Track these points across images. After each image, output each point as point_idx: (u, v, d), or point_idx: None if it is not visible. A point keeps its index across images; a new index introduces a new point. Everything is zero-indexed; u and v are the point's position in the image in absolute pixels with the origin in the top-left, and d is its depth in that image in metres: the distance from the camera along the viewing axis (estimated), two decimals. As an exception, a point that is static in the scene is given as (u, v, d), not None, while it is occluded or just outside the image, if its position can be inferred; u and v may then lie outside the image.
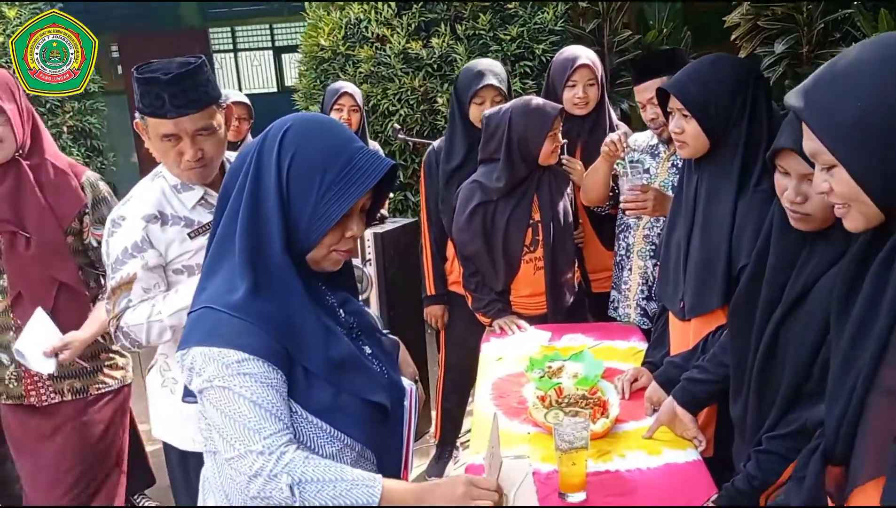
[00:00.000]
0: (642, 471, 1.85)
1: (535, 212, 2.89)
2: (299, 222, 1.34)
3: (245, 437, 1.28)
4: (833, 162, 1.12)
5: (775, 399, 1.56)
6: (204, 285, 1.38)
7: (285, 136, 1.36)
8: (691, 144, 2.04)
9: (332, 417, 1.37)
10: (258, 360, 1.30)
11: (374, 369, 1.48)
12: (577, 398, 2.12)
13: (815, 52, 4.98)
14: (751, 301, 1.64)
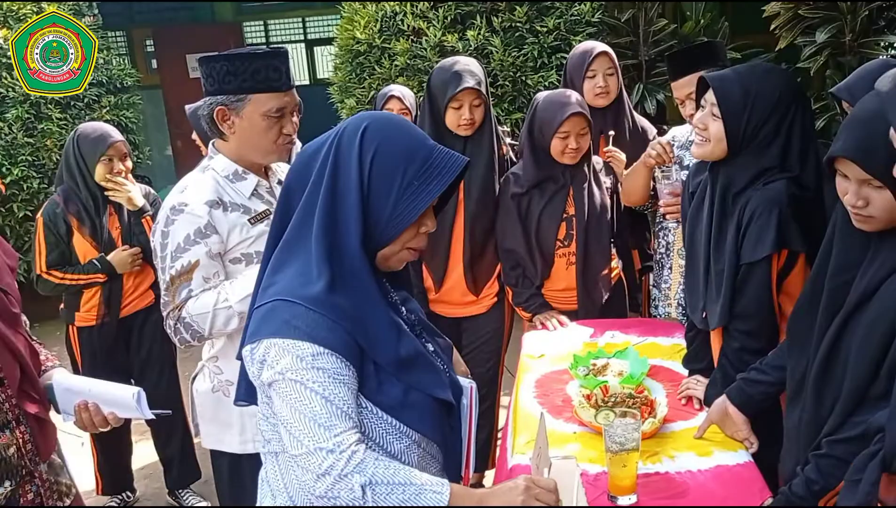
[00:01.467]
0: (693, 473, 1.83)
1: (569, 206, 2.86)
2: (379, 218, 1.36)
3: (315, 433, 1.27)
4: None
5: (835, 404, 1.52)
6: (273, 279, 1.38)
7: (365, 133, 1.37)
8: (712, 144, 2.00)
9: (401, 413, 1.37)
10: (332, 355, 1.30)
11: (439, 366, 1.49)
12: (624, 397, 2.10)
13: (859, 41, 4.87)
14: (813, 303, 1.61)
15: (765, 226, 1.89)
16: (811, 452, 1.55)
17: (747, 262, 1.93)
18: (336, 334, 1.31)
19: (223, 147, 2.08)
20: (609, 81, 3.02)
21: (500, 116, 4.63)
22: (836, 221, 1.59)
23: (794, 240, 1.90)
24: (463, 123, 2.81)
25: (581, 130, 2.78)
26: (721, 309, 1.98)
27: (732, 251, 1.95)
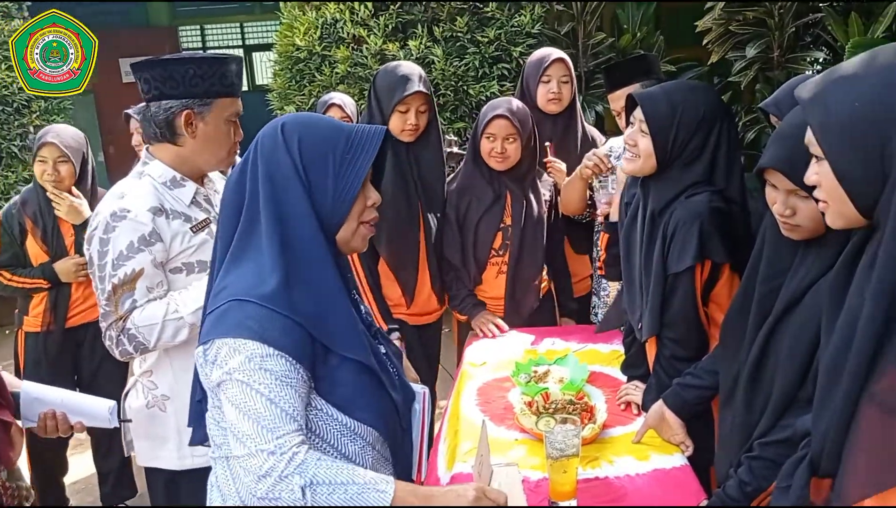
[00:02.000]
0: (631, 477, 1.86)
1: (507, 215, 2.87)
2: (325, 200, 1.39)
3: (258, 435, 1.28)
4: (821, 155, 1.14)
5: (766, 406, 1.57)
6: (224, 282, 1.38)
7: (284, 130, 1.41)
8: (641, 160, 2.05)
9: (355, 410, 1.38)
10: (282, 357, 1.30)
11: (390, 369, 1.50)
12: (565, 404, 2.12)
13: (786, 57, 5.05)
14: (744, 309, 1.66)
15: (687, 238, 1.94)
16: (743, 454, 1.59)
17: (672, 273, 1.99)
18: (289, 334, 1.31)
19: (162, 153, 2.01)
20: (563, 88, 3.04)
21: (443, 125, 4.65)
22: (766, 229, 1.65)
23: (715, 251, 1.95)
24: (408, 128, 2.76)
25: (508, 134, 2.77)
26: (651, 319, 2.04)
27: (660, 263, 2.00)
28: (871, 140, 1.08)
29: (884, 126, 1.07)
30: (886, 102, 1.08)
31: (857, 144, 1.09)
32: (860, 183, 1.10)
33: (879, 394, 1.08)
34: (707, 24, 5.31)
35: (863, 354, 1.10)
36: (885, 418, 1.08)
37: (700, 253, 1.94)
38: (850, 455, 1.13)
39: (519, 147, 2.81)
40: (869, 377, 1.10)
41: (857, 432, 1.12)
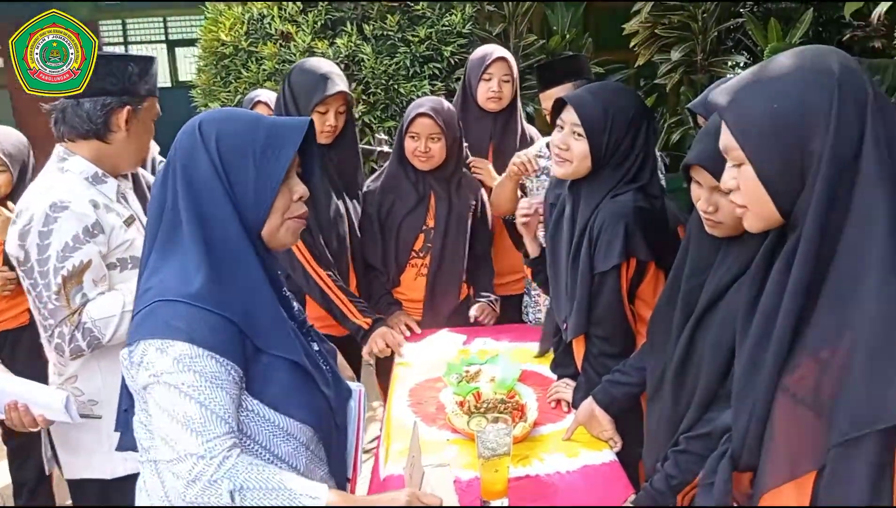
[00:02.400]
0: (561, 474, 1.87)
1: (430, 218, 2.84)
2: (246, 196, 1.35)
3: (187, 439, 1.24)
4: (743, 159, 1.15)
5: (691, 401, 1.60)
6: (149, 282, 1.34)
7: (201, 127, 1.38)
8: (575, 163, 2.05)
9: (289, 407, 1.36)
10: (212, 357, 1.27)
11: (322, 366, 1.48)
12: (496, 403, 2.12)
13: (709, 60, 5.20)
14: (670, 306, 1.69)
15: (613, 237, 1.97)
16: (670, 448, 1.62)
17: (599, 272, 2.01)
18: (218, 333, 1.28)
19: (83, 149, 1.96)
20: (504, 88, 3.00)
21: (374, 123, 4.61)
22: (692, 226, 1.68)
23: (639, 250, 1.99)
24: (326, 130, 2.67)
25: (432, 133, 2.73)
26: (578, 318, 2.05)
27: (586, 262, 2.02)
28: (792, 140, 1.11)
29: (803, 126, 1.10)
30: (804, 102, 1.10)
31: (778, 145, 1.11)
32: (782, 184, 1.13)
33: (791, 387, 1.12)
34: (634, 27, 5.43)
35: (780, 350, 1.13)
36: (796, 409, 1.12)
37: (625, 251, 1.97)
38: (767, 447, 1.17)
39: (443, 147, 2.77)
40: (783, 371, 1.13)
41: (772, 424, 1.16)
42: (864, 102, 1.10)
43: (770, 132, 1.12)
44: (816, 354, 1.09)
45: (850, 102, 1.09)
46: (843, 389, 1.06)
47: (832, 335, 1.08)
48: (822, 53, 1.15)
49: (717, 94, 1.20)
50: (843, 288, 1.09)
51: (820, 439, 1.08)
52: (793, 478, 1.13)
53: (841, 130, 1.08)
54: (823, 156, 1.09)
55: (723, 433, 1.40)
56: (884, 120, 1.10)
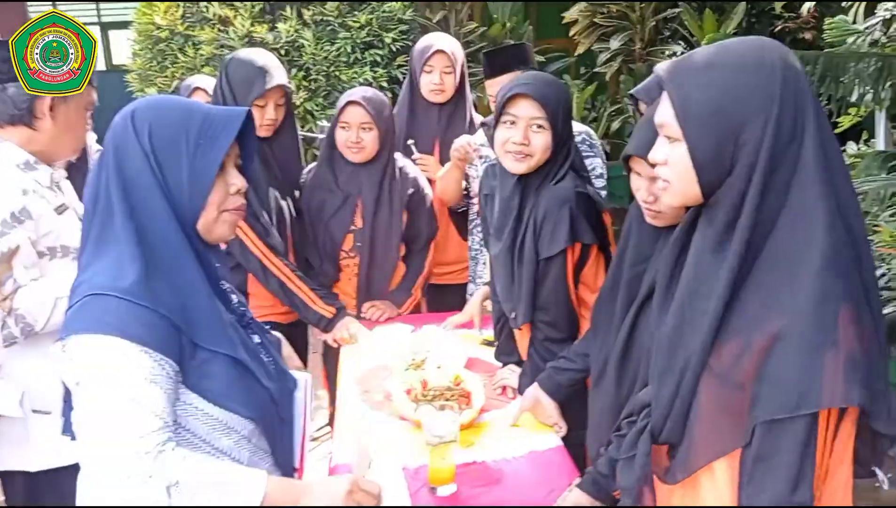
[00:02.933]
0: (507, 460, 1.90)
1: (358, 218, 2.78)
2: (179, 189, 1.32)
3: (119, 436, 1.22)
4: (677, 136, 1.18)
5: (634, 387, 1.64)
6: (82, 277, 1.31)
7: (134, 117, 1.34)
8: (537, 156, 2.04)
9: (228, 400, 1.34)
10: (144, 352, 1.24)
11: (263, 358, 1.46)
12: (443, 390, 2.14)
13: (647, 50, 5.31)
14: (613, 293, 1.73)
15: (558, 223, 2.00)
16: (613, 433, 1.66)
17: (544, 257, 2.03)
18: (151, 328, 1.25)
19: (13, 135, 1.92)
20: (445, 79, 2.97)
21: (315, 110, 4.58)
22: (632, 215, 1.72)
23: (584, 233, 2.02)
24: (266, 124, 2.61)
25: (363, 123, 2.67)
26: (524, 305, 2.08)
27: (531, 249, 2.04)
28: (730, 126, 1.14)
29: (743, 114, 1.13)
30: (748, 91, 1.14)
31: (715, 129, 1.15)
32: (711, 166, 1.16)
33: (715, 366, 1.17)
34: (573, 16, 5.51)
35: (709, 332, 1.17)
36: (722, 389, 1.16)
37: (571, 236, 2.00)
38: (693, 426, 1.21)
39: (376, 137, 2.71)
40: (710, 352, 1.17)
41: (698, 404, 1.20)
42: (805, 95, 1.14)
43: (710, 116, 1.15)
44: (744, 336, 1.14)
45: (791, 95, 1.13)
46: (769, 371, 1.10)
47: (760, 318, 1.12)
48: (767, 46, 1.19)
49: (664, 68, 1.22)
50: (775, 275, 1.13)
51: (746, 417, 1.13)
52: (721, 456, 1.18)
53: (782, 121, 1.12)
54: (763, 145, 1.12)
55: (641, 409, 1.44)
56: (819, 116, 1.15)
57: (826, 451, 1.12)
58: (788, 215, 1.13)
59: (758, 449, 1.12)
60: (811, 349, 1.08)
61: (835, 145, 1.17)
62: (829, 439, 1.11)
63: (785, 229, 1.13)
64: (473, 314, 2.68)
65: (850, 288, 1.10)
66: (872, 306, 1.14)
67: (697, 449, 1.21)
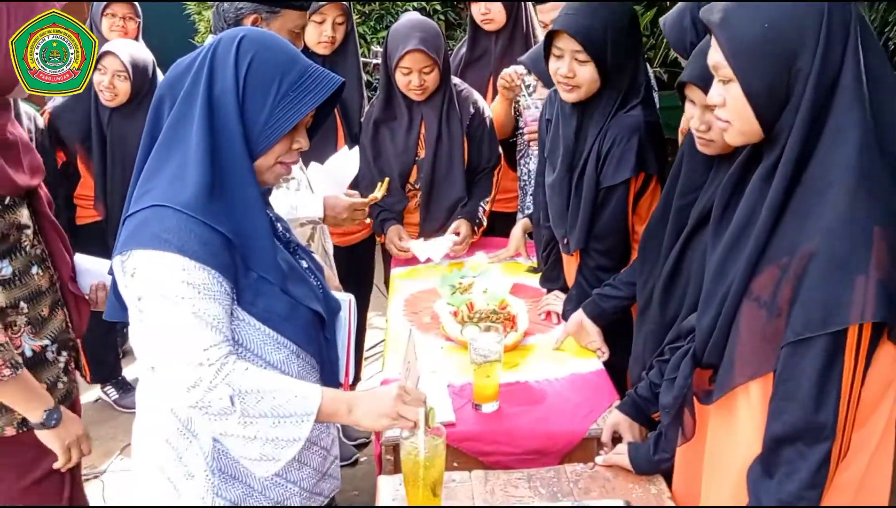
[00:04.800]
0: (550, 381, 1.96)
1: (421, 149, 2.79)
2: (253, 127, 1.36)
3: (183, 348, 1.29)
4: (731, 76, 1.19)
5: (677, 314, 1.67)
6: (148, 185, 1.34)
7: (241, 43, 1.37)
8: (584, 88, 2.03)
9: (278, 323, 1.40)
10: (203, 269, 1.29)
11: (312, 281, 1.51)
12: (489, 313, 2.19)
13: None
14: (661, 223, 1.74)
15: (625, 152, 1.99)
16: (654, 358, 1.70)
17: (607, 186, 2.04)
18: (209, 245, 1.30)
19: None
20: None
21: (367, 34, 4.55)
22: (685, 145, 1.71)
23: (650, 164, 2.02)
24: (324, 41, 2.66)
25: (424, 66, 2.65)
26: (579, 232, 2.09)
27: (592, 177, 2.05)
28: (779, 59, 1.15)
29: (790, 45, 1.14)
30: (794, 23, 1.14)
31: (766, 64, 1.16)
32: (767, 101, 1.17)
33: (755, 291, 1.20)
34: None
35: (751, 257, 1.20)
36: (760, 313, 1.19)
37: (638, 166, 2.00)
38: (733, 348, 1.25)
39: (437, 75, 2.70)
40: (751, 278, 1.20)
41: (737, 327, 1.24)
42: (849, 27, 1.14)
43: (759, 51, 1.16)
44: (779, 260, 1.16)
45: (837, 26, 1.13)
46: (798, 292, 1.13)
47: (795, 242, 1.15)
48: None
49: (709, 11, 1.23)
50: (809, 200, 1.15)
51: (779, 341, 1.16)
52: (754, 378, 1.22)
53: (828, 53, 1.13)
54: (810, 76, 1.13)
55: (687, 334, 1.47)
56: (863, 44, 1.14)
57: (857, 378, 1.13)
58: (826, 139, 1.14)
59: (782, 370, 1.16)
60: (841, 267, 1.10)
61: (883, 75, 1.16)
62: (861, 365, 1.12)
63: (822, 153, 1.14)
64: (518, 247, 2.71)
65: (884, 209, 1.11)
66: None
67: (735, 371, 1.24)
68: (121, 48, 3.11)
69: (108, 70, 3.06)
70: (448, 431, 1.58)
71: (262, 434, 1.31)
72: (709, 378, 1.35)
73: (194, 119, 1.33)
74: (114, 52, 3.07)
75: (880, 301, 1.08)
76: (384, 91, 2.79)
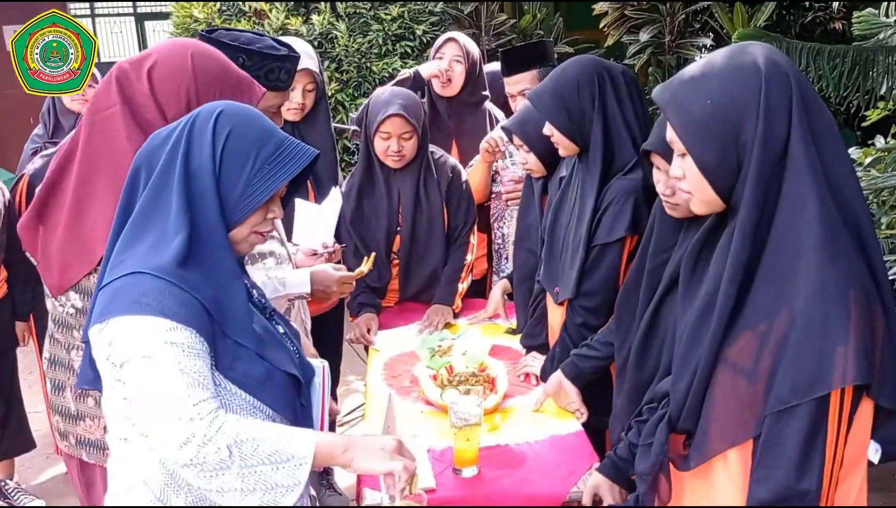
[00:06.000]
0: (530, 444, 1.96)
1: (401, 218, 2.80)
2: (229, 199, 1.39)
3: (173, 406, 1.27)
4: (685, 151, 1.25)
5: (654, 374, 1.69)
6: (123, 255, 1.35)
7: (219, 117, 1.40)
8: (564, 151, 2.16)
9: (255, 389, 1.39)
10: (185, 329, 1.29)
11: (288, 346, 1.52)
12: (468, 376, 2.20)
13: (677, 42, 5.30)
14: (637, 284, 1.77)
15: (621, 211, 2.04)
16: (633, 418, 1.71)
17: (601, 243, 2.08)
18: (188, 307, 1.30)
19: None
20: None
21: (346, 101, 4.64)
22: (656, 207, 1.76)
23: (644, 227, 2.05)
24: (293, 107, 2.69)
25: (404, 132, 2.67)
26: (571, 284, 2.12)
27: (587, 233, 2.09)
28: (726, 133, 1.21)
29: (734, 119, 1.20)
30: (735, 97, 1.21)
31: (714, 138, 1.22)
32: (719, 173, 1.23)
33: (731, 357, 1.22)
34: (604, 8, 5.50)
35: (721, 323, 1.22)
36: (737, 380, 1.21)
37: (632, 226, 2.05)
38: (707, 415, 1.27)
39: (416, 143, 2.73)
40: (724, 343, 1.23)
41: (713, 393, 1.25)
42: (790, 93, 1.19)
43: (706, 127, 1.22)
44: (755, 327, 1.19)
45: (776, 95, 1.19)
46: (780, 360, 1.15)
47: (770, 309, 1.17)
48: (748, 50, 1.25)
49: (659, 91, 1.30)
50: (778, 266, 1.18)
51: (759, 408, 1.18)
52: (733, 445, 1.23)
53: (770, 122, 1.18)
54: (755, 145, 1.18)
55: (661, 398, 1.49)
56: (807, 108, 1.19)
57: (841, 440, 1.15)
58: (786, 204, 1.18)
59: (767, 437, 1.17)
60: (822, 334, 1.12)
61: (830, 136, 1.21)
62: (843, 426, 1.14)
63: (785, 218, 1.18)
64: (497, 307, 2.73)
65: (853, 270, 1.15)
66: (882, 290, 1.18)
67: (712, 438, 1.26)
68: None
69: None
70: (429, 497, 1.57)
71: (263, 482, 1.29)
72: (683, 443, 1.36)
73: (172, 191, 1.35)
74: None
75: (861, 363, 1.11)
76: (364, 160, 2.82)
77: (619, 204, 2.05)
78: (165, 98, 1.66)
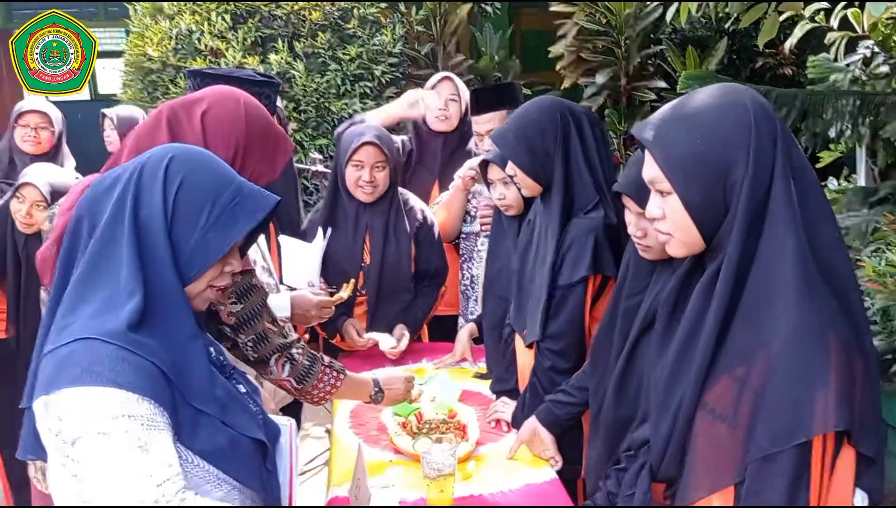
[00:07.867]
0: (504, 493, 1.90)
1: (367, 255, 2.77)
2: (182, 253, 1.27)
3: (135, 488, 1.14)
4: (669, 190, 1.23)
5: (631, 418, 1.66)
6: (69, 318, 1.22)
7: (170, 165, 1.29)
8: (527, 191, 2.16)
9: (218, 459, 1.29)
10: (143, 400, 1.17)
11: (252, 407, 1.42)
12: (438, 423, 2.15)
13: (632, 85, 5.40)
14: (611, 326, 1.75)
15: (582, 251, 2.02)
16: (611, 467, 1.67)
17: (565, 284, 2.05)
18: (144, 375, 1.18)
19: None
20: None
21: (305, 141, 4.60)
22: (629, 249, 1.75)
23: (607, 266, 2.04)
24: None
25: (377, 162, 2.64)
26: (537, 326, 2.09)
27: (549, 275, 2.07)
28: (715, 173, 1.20)
29: (723, 161, 1.19)
30: (726, 138, 1.20)
31: (702, 177, 1.20)
32: (706, 213, 1.21)
33: (710, 403, 1.20)
34: (559, 51, 5.59)
35: (701, 368, 1.20)
36: (715, 425, 1.19)
37: (594, 266, 2.02)
38: (688, 462, 1.24)
39: (388, 175, 2.70)
40: (703, 388, 1.20)
41: (693, 440, 1.23)
42: (775, 135, 1.20)
43: (695, 166, 1.20)
44: (733, 371, 1.17)
45: (765, 136, 1.19)
46: (760, 406, 1.13)
47: (747, 353, 1.16)
48: (737, 91, 1.25)
49: (642, 128, 1.28)
50: (756, 308, 1.17)
51: (739, 454, 1.15)
52: (714, 492, 1.20)
53: (758, 162, 1.18)
54: (744, 186, 1.18)
55: (640, 446, 1.46)
56: (788, 149, 1.20)
57: (823, 485, 1.13)
58: (765, 246, 1.17)
59: (750, 484, 1.15)
60: (802, 379, 1.11)
61: (808, 178, 1.22)
62: (826, 472, 1.13)
63: (764, 260, 1.17)
64: (464, 352, 2.69)
65: (830, 313, 1.14)
66: (861, 333, 1.17)
67: (693, 485, 1.23)
68: (39, 178, 2.90)
69: (27, 200, 2.88)
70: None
71: None
72: (663, 492, 1.33)
73: (122, 246, 1.24)
74: (32, 183, 2.87)
75: (841, 409, 1.09)
76: (330, 195, 2.79)
77: (580, 244, 2.04)
78: (215, 143, 1.61)
